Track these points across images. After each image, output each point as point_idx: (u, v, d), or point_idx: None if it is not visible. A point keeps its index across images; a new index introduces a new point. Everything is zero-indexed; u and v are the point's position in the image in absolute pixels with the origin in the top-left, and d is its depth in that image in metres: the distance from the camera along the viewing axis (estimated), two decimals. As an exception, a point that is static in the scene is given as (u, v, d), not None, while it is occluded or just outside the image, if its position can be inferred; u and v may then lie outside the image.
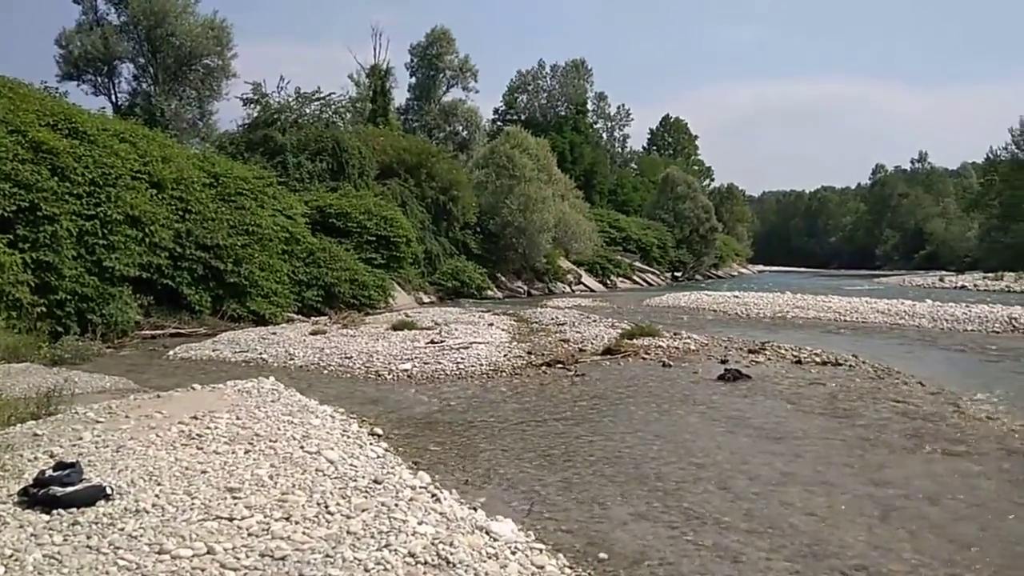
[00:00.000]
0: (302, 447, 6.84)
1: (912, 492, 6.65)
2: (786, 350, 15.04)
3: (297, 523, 4.90)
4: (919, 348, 17.18)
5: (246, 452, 6.56)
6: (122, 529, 4.69)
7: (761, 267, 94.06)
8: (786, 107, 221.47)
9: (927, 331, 20.16)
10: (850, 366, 13.39)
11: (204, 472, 5.91)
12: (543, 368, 13.16)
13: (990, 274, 51.36)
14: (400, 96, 55.36)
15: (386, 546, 4.57)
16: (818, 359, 13.90)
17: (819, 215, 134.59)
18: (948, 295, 33.99)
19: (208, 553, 4.39)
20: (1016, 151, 76.13)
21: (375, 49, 50.00)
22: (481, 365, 13.24)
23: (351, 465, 6.42)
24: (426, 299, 30.29)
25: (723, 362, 13.50)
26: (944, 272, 61.11)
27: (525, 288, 38.03)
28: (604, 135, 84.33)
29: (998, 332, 19.54)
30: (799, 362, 13.72)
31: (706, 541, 5.51)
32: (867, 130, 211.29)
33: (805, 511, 6.15)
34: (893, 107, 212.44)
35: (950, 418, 9.50)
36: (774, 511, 6.15)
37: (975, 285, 44.64)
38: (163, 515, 4.96)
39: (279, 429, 7.49)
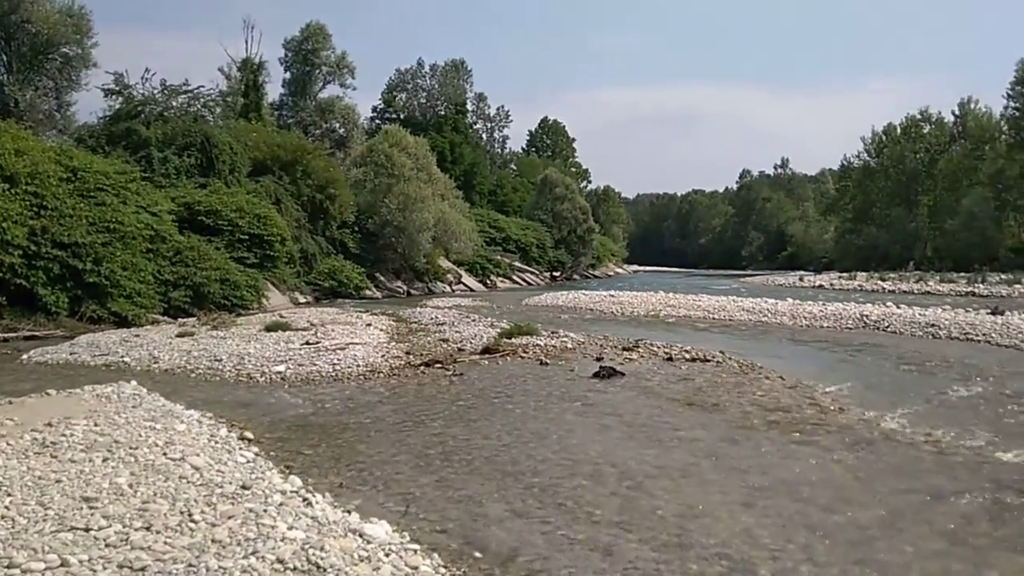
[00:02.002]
0: (165, 454, 6.57)
1: (772, 481, 6.99)
2: (658, 347, 15.53)
3: (158, 532, 4.71)
4: (780, 344, 18.09)
5: (104, 460, 6.27)
6: (-34, 544, 4.38)
7: (636, 267, 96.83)
8: (658, 112, 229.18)
9: (788, 328, 21.25)
10: (717, 362, 13.94)
11: (59, 481, 5.64)
12: (421, 368, 13.09)
13: (845, 274, 54.58)
14: (274, 91, 53.97)
15: (253, 553, 4.43)
16: (688, 356, 14.41)
17: (690, 217, 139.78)
18: (807, 294, 35.95)
19: (62, 566, 4.20)
20: (867, 159, 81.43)
21: (247, 42, 48.22)
22: (358, 366, 13.05)
23: (218, 471, 6.21)
24: (302, 299, 29.59)
25: (598, 360, 13.81)
26: (804, 272, 64.50)
27: (405, 288, 37.75)
28: (484, 136, 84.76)
29: (851, 328, 20.82)
30: (670, 359, 14.19)
31: (579, 535, 5.61)
32: (734, 136, 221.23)
33: (674, 502, 6.37)
34: (758, 115, 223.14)
35: (806, 410, 10.05)
36: (645, 504, 6.34)
37: (831, 284, 47.33)
38: (13, 527, 4.70)
39: (140, 435, 7.17)
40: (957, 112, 73.99)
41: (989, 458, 7.84)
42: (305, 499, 5.71)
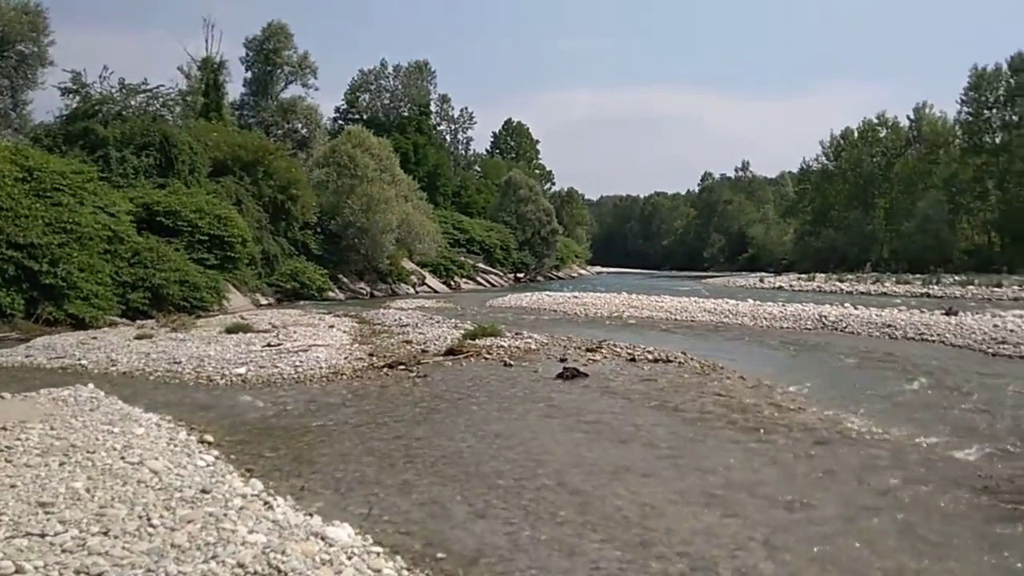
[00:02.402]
0: (123, 457, 6.46)
1: (733, 480, 7.08)
2: (621, 348, 15.62)
3: (116, 537, 4.62)
4: (741, 345, 18.30)
5: (61, 464, 6.14)
6: (-84, 552, 4.27)
7: (599, 268, 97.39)
8: (622, 115, 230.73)
9: (748, 329, 21.50)
10: (679, 363, 14.06)
11: (13, 486, 5.52)
12: (385, 370, 13.03)
13: (804, 275, 55.36)
14: (235, 91, 53.38)
15: (213, 558, 4.38)
16: (650, 356, 14.52)
17: (653, 219, 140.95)
18: (767, 295, 36.40)
19: (17, 572, 4.11)
20: (825, 162, 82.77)
21: (207, 41, 47.75)
22: (321, 368, 12.96)
23: (177, 475, 6.13)
24: (264, 301, 29.30)
25: (562, 361, 13.86)
26: (764, 273, 65.29)
27: (368, 289, 37.53)
28: (448, 137, 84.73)
29: (810, 329, 21.13)
30: (633, 360, 14.28)
31: (542, 536, 5.63)
32: (696, 139, 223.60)
33: (636, 502, 6.41)
34: (720, 118, 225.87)
35: (766, 409, 10.18)
36: (608, 503, 6.37)
37: (791, 285, 48.00)
38: (-34, 534, 4.56)
39: (98, 439, 7.05)
40: (912, 117, 75.69)
41: (943, 456, 8.01)
42: (266, 502, 5.65)
